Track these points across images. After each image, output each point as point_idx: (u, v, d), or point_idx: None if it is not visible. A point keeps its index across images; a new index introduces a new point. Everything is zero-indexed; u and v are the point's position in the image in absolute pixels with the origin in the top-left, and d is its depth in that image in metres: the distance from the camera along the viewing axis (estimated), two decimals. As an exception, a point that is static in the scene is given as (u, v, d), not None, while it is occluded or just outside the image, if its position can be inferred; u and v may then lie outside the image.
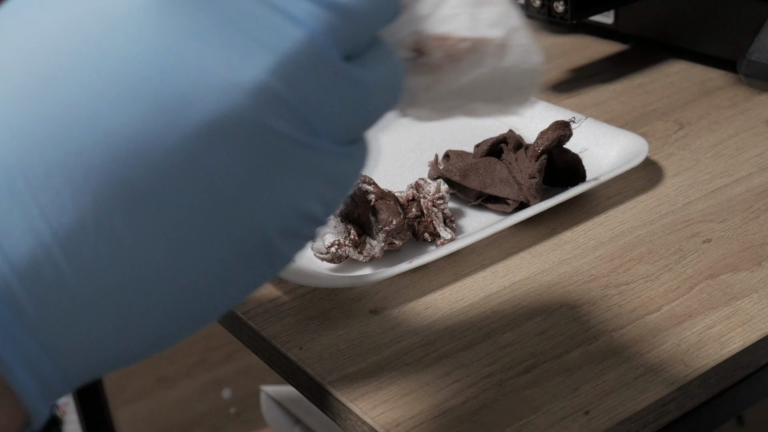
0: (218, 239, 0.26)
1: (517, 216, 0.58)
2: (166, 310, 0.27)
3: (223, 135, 0.25)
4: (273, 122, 0.26)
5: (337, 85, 0.27)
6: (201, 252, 0.26)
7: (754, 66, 0.70)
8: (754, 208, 0.61)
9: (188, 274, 0.26)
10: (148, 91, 0.25)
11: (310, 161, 0.27)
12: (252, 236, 0.27)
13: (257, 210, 0.27)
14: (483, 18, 0.33)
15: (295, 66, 0.26)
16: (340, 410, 0.48)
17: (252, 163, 0.26)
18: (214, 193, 0.26)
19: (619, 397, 0.46)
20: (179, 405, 1.65)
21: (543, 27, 0.95)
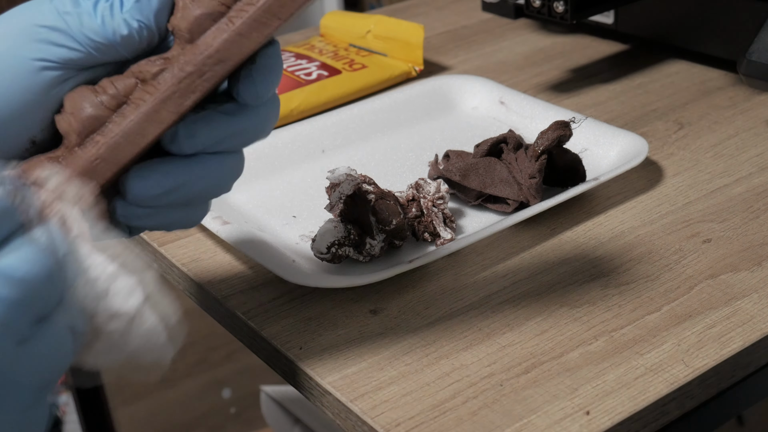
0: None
1: (517, 216, 0.58)
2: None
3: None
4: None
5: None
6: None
7: (754, 66, 0.70)
8: (754, 208, 0.61)
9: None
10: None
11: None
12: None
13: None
14: (117, 292, 0.36)
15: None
16: (340, 410, 0.48)
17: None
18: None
19: (619, 397, 0.46)
20: (179, 405, 1.65)
21: (543, 27, 0.95)
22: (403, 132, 0.74)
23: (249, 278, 0.57)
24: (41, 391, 0.32)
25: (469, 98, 0.77)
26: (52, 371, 0.32)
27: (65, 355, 0.33)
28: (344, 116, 0.74)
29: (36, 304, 0.31)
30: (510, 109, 0.75)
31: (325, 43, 0.90)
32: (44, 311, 0.32)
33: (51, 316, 0.32)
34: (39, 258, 0.31)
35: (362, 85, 0.81)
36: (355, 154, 0.71)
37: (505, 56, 0.89)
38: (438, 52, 0.91)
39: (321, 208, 0.58)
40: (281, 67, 0.42)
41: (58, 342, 0.32)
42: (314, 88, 0.79)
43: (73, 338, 0.33)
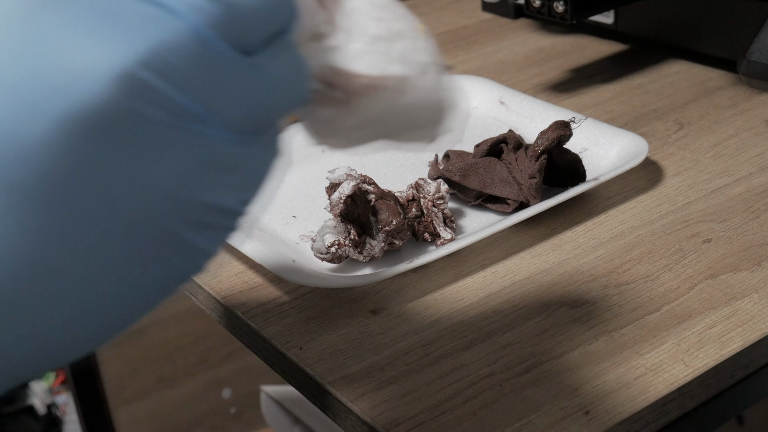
0: (112, 234, 0.26)
1: (517, 216, 0.58)
2: (75, 315, 0.26)
3: (90, 125, 0.25)
4: (145, 110, 0.26)
5: (226, 74, 0.27)
6: (97, 250, 0.26)
7: (754, 66, 0.70)
8: (754, 208, 0.61)
9: (89, 274, 0.26)
10: (11, 83, 0.25)
11: (199, 149, 0.27)
12: (151, 228, 0.27)
13: (148, 200, 0.26)
14: (390, 53, 0.33)
15: (170, 55, 0.26)
16: (340, 410, 0.48)
17: (128, 152, 0.26)
18: (94, 186, 0.25)
19: (619, 397, 0.46)
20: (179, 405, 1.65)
21: (543, 27, 0.95)
22: (403, 132, 0.74)
23: (249, 278, 0.57)
24: (257, 131, 0.29)
25: (469, 98, 0.77)
26: (286, 96, 0.30)
27: (297, 78, 0.30)
28: (344, 116, 0.74)
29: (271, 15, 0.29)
30: (510, 109, 0.75)
31: (325, 43, 0.90)
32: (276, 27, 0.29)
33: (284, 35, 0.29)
34: (295, 60, 0.29)
35: (362, 85, 0.81)
36: (355, 154, 0.71)
37: (505, 56, 0.89)
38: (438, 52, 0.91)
39: (321, 208, 0.58)
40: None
41: (293, 59, 0.30)
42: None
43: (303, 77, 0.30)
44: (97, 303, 0.27)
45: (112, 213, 0.26)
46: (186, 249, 0.28)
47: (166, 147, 0.26)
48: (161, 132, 0.26)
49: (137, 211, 0.26)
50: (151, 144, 0.26)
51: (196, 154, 0.27)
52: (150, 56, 0.25)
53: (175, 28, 0.26)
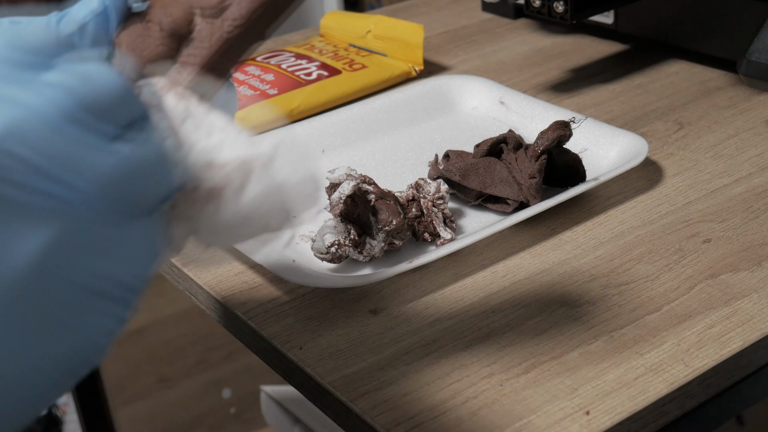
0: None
1: (517, 216, 0.58)
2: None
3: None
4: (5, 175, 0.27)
5: (78, 153, 0.29)
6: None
7: (754, 66, 0.70)
8: (754, 208, 0.61)
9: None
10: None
11: (62, 226, 0.28)
12: (29, 307, 0.28)
13: (15, 276, 0.28)
14: (245, 141, 0.35)
15: (19, 138, 0.28)
16: (340, 410, 0.48)
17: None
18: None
19: (619, 397, 0.46)
20: (179, 405, 1.65)
21: (543, 27, 0.95)
22: (403, 132, 0.74)
23: (249, 278, 0.57)
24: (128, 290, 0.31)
25: (469, 98, 0.77)
26: (154, 177, 0.31)
27: (160, 157, 0.32)
28: (344, 116, 0.74)
29: (146, 186, 0.31)
30: (510, 109, 0.75)
31: (325, 44, 0.90)
32: (152, 196, 0.31)
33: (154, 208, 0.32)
34: (155, 146, 0.31)
35: (362, 85, 0.81)
36: (355, 154, 0.71)
37: (505, 56, 0.89)
38: (438, 52, 0.91)
39: (321, 208, 0.58)
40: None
41: (156, 141, 0.32)
42: (314, 88, 0.79)
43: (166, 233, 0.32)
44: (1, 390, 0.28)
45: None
46: (68, 333, 0.29)
47: (25, 219, 0.28)
48: (16, 206, 0.27)
49: (3, 283, 0.27)
50: (8, 216, 0.27)
51: (62, 230, 0.28)
52: (10, 129, 0.27)
53: (23, 116, 0.28)
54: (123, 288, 0.30)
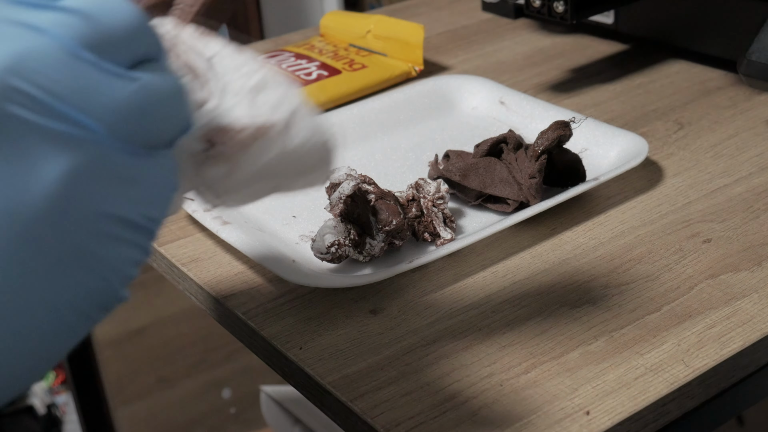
0: (9, 253, 0.27)
1: (517, 216, 0.58)
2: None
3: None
4: (18, 112, 0.27)
5: (97, 80, 0.28)
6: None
7: (754, 66, 0.70)
8: (754, 208, 0.61)
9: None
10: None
11: (85, 154, 0.28)
12: (49, 240, 0.27)
13: (34, 205, 0.27)
14: (263, 103, 0.34)
15: (36, 63, 0.27)
16: (340, 410, 0.48)
17: (14, 156, 0.27)
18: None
19: (619, 397, 0.46)
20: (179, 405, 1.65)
21: (543, 27, 0.95)
22: (403, 132, 0.74)
23: (249, 278, 0.57)
24: (139, 227, 0.30)
25: (469, 98, 0.77)
26: (170, 110, 0.31)
27: (176, 93, 0.31)
28: (344, 116, 0.74)
29: (162, 120, 0.30)
30: (510, 109, 0.75)
31: (325, 43, 0.90)
32: (169, 132, 0.31)
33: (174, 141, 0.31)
34: (173, 78, 0.31)
35: (362, 85, 0.81)
36: (355, 154, 0.71)
37: (505, 56, 0.89)
38: (438, 52, 0.91)
39: (321, 208, 0.58)
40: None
41: (170, 76, 0.31)
42: (314, 88, 0.79)
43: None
44: (17, 336, 0.27)
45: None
46: (95, 266, 0.29)
47: (44, 148, 0.27)
48: (35, 133, 0.27)
49: (24, 216, 0.27)
50: (26, 145, 0.27)
51: (82, 159, 0.28)
52: (15, 63, 0.27)
53: (40, 41, 0.27)
54: (146, 218, 0.30)
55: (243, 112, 0.34)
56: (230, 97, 0.34)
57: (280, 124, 0.34)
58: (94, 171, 0.28)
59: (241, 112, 0.34)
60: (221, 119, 0.34)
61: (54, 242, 0.27)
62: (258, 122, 0.34)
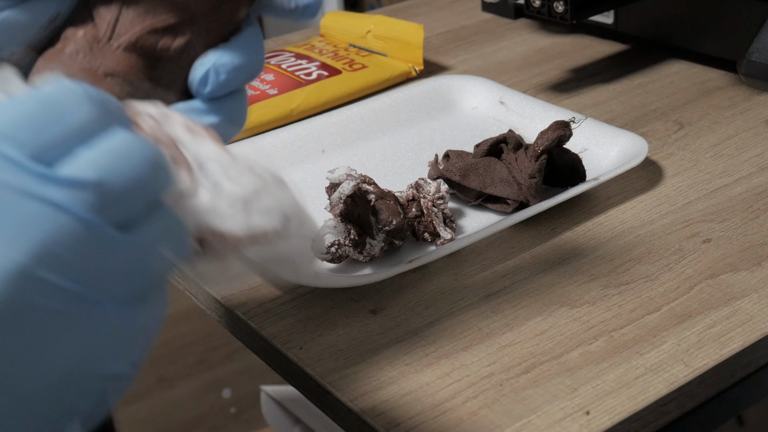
0: (4, 413, 0.27)
1: (517, 216, 0.58)
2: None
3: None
4: (41, 302, 0.27)
5: (109, 254, 0.28)
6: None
7: (754, 66, 0.70)
8: (754, 208, 0.61)
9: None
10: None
11: (90, 326, 0.28)
12: (46, 407, 0.28)
13: (44, 382, 0.28)
14: (257, 211, 0.34)
15: (60, 247, 0.27)
16: (340, 410, 0.48)
17: (26, 342, 0.27)
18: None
19: (619, 397, 0.46)
20: (179, 405, 1.65)
21: (543, 27, 0.95)
22: (403, 132, 0.74)
23: (249, 278, 0.57)
24: (127, 302, 0.30)
25: (469, 98, 0.77)
26: (164, 259, 0.30)
27: (175, 239, 0.31)
28: (344, 116, 0.74)
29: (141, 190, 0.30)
30: (510, 109, 0.75)
31: (325, 43, 0.90)
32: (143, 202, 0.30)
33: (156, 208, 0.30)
34: (144, 144, 0.30)
35: (362, 85, 0.81)
36: (355, 154, 0.71)
37: (505, 56, 0.89)
38: (438, 52, 0.91)
39: (321, 208, 0.58)
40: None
41: (169, 222, 0.31)
42: (314, 88, 0.79)
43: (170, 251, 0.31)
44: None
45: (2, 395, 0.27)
46: (79, 417, 0.29)
47: (59, 331, 0.27)
48: (58, 319, 0.27)
49: (32, 392, 0.27)
50: (49, 333, 0.27)
51: (88, 331, 0.28)
52: (42, 252, 0.27)
53: (58, 221, 0.27)
54: (128, 372, 0.30)
55: (233, 218, 0.34)
56: (223, 201, 0.34)
57: (274, 231, 0.35)
58: (98, 337, 0.28)
59: (231, 219, 0.34)
60: (211, 221, 0.34)
61: (52, 404, 0.28)
62: (252, 231, 0.34)
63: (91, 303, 0.28)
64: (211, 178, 0.34)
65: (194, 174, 0.34)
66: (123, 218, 0.29)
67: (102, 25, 0.39)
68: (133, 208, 0.29)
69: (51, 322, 0.27)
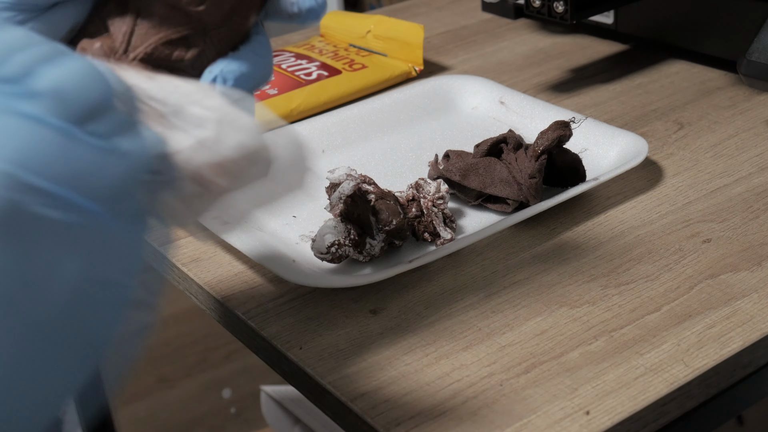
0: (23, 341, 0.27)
1: (517, 216, 0.58)
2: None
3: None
4: (36, 210, 0.27)
5: (92, 160, 0.29)
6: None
7: (754, 66, 0.70)
8: (754, 208, 0.61)
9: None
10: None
11: (95, 241, 0.29)
12: (66, 333, 0.28)
13: (56, 304, 0.28)
14: (239, 129, 0.34)
15: (38, 153, 0.27)
16: (340, 410, 0.48)
17: (30, 255, 0.27)
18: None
19: (619, 397, 0.46)
20: (179, 405, 1.65)
21: (543, 27, 0.95)
22: (403, 132, 0.74)
23: (249, 278, 0.57)
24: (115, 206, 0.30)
25: (469, 98, 0.77)
26: (140, 168, 0.31)
27: (150, 150, 0.31)
28: (344, 116, 0.74)
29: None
30: (510, 109, 0.75)
31: (325, 44, 0.90)
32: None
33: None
34: (95, 62, 0.31)
35: (362, 85, 0.81)
36: (355, 154, 0.71)
37: (505, 56, 0.89)
38: (438, 52, 0.91)
39: (321, 208, 0.58)
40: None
41: (141, 134, 0.31)
42: (314, 88, 0.79)
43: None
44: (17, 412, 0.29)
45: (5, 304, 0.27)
46: (104, 346, 0.30)
47: (61, 242, 0.28)
48: (47, 226, 0.27)
49: (47, 316, 0.28)
50: (38, 239, 0.27)
51: (89, 242, 0.29)
52: (26, 158, 0.27)
53: (41, 130, 0.28)
54: (122, 281, 0.30)
55: (227, 142, 0.34)
56: (203, 131, 0.34)
57: (263, 144, 0.34)
58: (96, 251, 0.29)
59: (224, 144, 0.34)
60: (204, 157, 0.33)
61: (64, 328, 0.28)
62: (245, 149, 0.34)
63: (87, 213, 0.28)
64: (181, 109, 0.34)
65: (172, 121, 0.34)
66: (97, 129, 0.29)
67: (118, 37, 0.39)
68: (103, 119, 0.30)
69: (50, 232, 0.27)
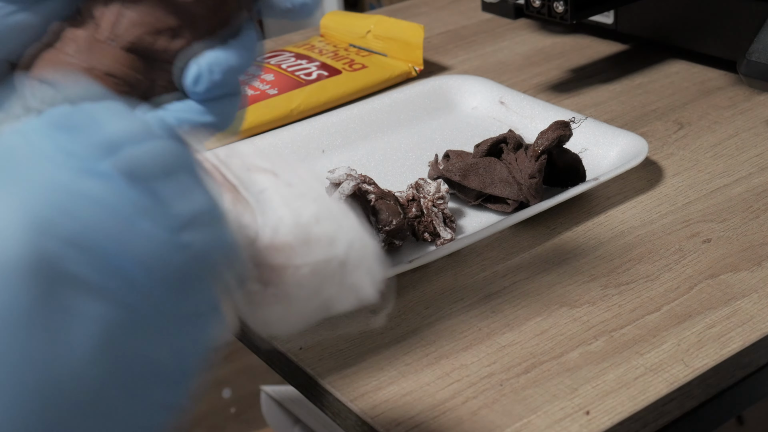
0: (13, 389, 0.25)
1: (517, 216, 0.58)
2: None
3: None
4: (72, 269, 0.25)
5: (156, 252, 0.27)
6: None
7: (754, 66, 0.70)
8: (754, 208, 0.61)
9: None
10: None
11: (140, 324, 0.27)
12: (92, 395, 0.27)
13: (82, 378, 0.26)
14: (318, 239, 0.32)
15: (95, 219, 0.26)
16: (340, 410, 0.48)
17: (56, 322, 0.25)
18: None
19: (619, 397, 0.46)
20: (179, 405, 1.65)
21: (543, 27, 0.95)
22: (403, 132, 0.74)
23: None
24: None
25: (469, 98, 0.77)
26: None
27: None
28: (344, 116, 0.74)
29: None
30: (510, 109, 0.75)
31: (325, 44, 0.90)
32: None
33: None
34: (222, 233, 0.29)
35: (362, 85, 0.81)
36: (355, 154, 0.71)
37: (505, 56, 0.89)
38: (438, 52, 0.91)
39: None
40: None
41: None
42: (314, 88, 0.79)
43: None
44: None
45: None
46: (132, 410, 0.28)
47: (88, 303, 0.26)
48: (83, 289, 0.26)
49: (68, 375, 0.26)
50: (72, 301, 0.26)
51: (122, 314, 0.27)
52: (75, 224, 0.25)
53: (99, 190, 0.26)
54: (181, 365, 0.29)
55: (298, 248, 0.32)
56: (283, 232, 0.32)
57: (337, 259, 0.33)
58: (134, 325, 0.27)
59: (296, 249, 0.32)
60: (275, 257, 0.32)
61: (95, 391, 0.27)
62: (314, 259, 0.32)
63: (135, 289, 0.26)
64: (269, 206, 0.32)
65: (251, 207, 0.32)
66: (169, 215, 0.27)
67: (102, 25, 0.39)
68: (182, 206, 0.28)
69: (85, 293, 0.26)
